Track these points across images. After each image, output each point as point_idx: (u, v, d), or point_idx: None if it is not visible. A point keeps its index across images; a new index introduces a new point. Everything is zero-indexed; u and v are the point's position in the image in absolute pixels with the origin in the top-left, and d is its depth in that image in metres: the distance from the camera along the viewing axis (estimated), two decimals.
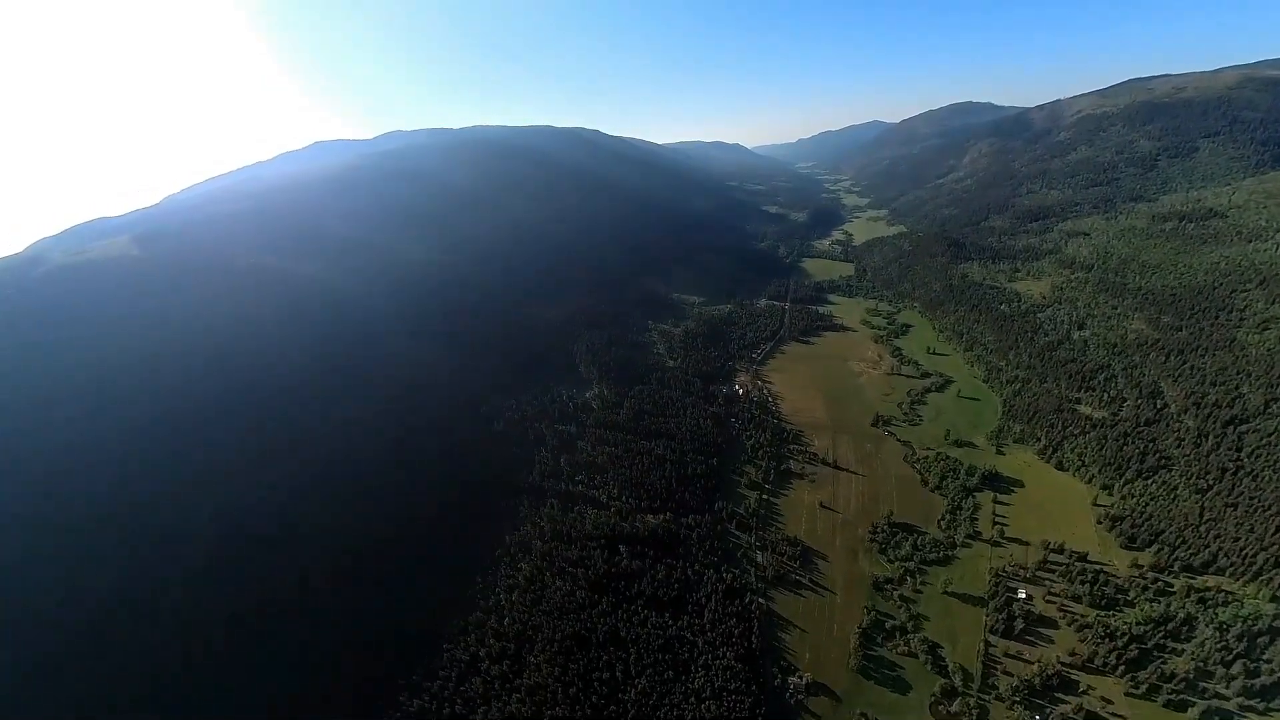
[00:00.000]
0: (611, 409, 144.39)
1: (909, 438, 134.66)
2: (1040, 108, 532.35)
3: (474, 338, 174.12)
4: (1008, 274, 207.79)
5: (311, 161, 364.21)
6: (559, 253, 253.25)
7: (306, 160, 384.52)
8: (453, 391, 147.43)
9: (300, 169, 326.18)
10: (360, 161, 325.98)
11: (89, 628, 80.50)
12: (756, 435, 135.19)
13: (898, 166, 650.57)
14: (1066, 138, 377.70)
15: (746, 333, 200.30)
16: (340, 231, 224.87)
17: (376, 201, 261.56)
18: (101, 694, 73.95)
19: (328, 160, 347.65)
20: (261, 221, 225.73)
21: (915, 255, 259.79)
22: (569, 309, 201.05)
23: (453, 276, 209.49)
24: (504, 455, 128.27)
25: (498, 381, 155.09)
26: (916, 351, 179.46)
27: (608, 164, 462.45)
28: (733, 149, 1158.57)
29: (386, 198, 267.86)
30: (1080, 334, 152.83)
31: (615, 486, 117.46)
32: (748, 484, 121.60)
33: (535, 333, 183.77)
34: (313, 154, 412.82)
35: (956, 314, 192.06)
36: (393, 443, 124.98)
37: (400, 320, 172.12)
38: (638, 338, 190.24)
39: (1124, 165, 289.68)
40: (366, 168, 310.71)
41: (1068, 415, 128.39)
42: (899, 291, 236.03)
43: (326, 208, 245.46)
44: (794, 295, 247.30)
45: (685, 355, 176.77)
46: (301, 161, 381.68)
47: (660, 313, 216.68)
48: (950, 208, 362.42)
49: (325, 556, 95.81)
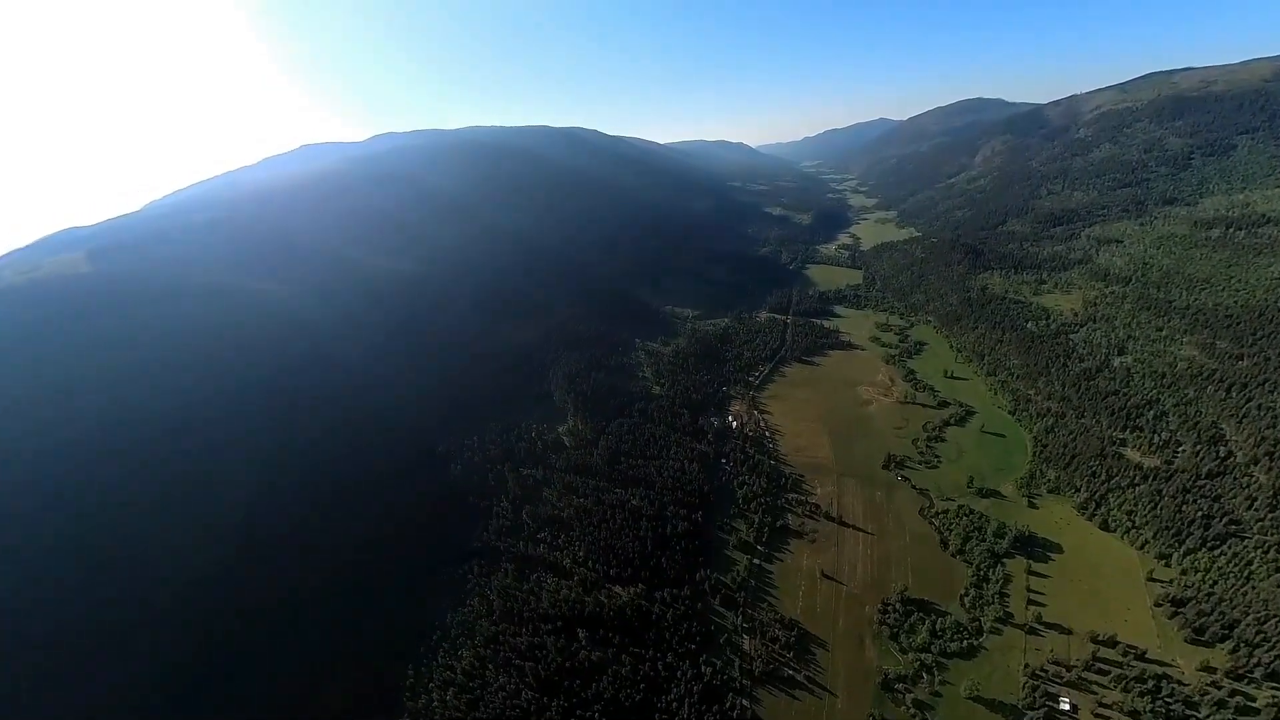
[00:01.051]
0: (585, 448, 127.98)
1: (925, 484, 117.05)
2: (1055, 103, 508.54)
3: (439, 361, 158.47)
4: (1032, 286, 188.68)
5: (295, 166, 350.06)
6: (544, 262, 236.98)
7: (291, 164, 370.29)
8: (408, 427, 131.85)
9: (280, 174, 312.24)
10: (344, 166, 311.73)
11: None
12: (750, 481, 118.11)
13: (906, 165, 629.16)
14: (1087, 135, 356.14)
15: (744, 351, 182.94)
16: (308, 243, 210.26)
17: (352, 210, 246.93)
18: None
19: (311, 165, 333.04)
20: (227, 234, 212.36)
21: (929, 263, 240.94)
22: (548, 326, 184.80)
23: (424, 291, 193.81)
24: (458, 507, 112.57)
25: (461, 413, 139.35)
26: (932, 375, 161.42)
27: (603, 165, 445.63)
28: (736, 148, 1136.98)
29: (363, 205, 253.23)
30: (1121, 360, 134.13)
31: (581, 548, 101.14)
32: (737, 544, 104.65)
33: (509, 354, 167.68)
34: (299, 157, 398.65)
35: (976, 331, 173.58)
36: (327, 492, 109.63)
37: (358, 342, 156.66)
38: (623, 359, 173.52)
39: (1153, 164, 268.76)
40: (348, 173, 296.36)
41: (1112, 461, 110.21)
42: (911, 303, 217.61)
43: (297, 217, 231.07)
44: (797, 307, 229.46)
45: (674, 380, 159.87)
46: (286, 165, 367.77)
47: (650, 329, 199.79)
48: (964, 209, 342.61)
49: (208, 644, 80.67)
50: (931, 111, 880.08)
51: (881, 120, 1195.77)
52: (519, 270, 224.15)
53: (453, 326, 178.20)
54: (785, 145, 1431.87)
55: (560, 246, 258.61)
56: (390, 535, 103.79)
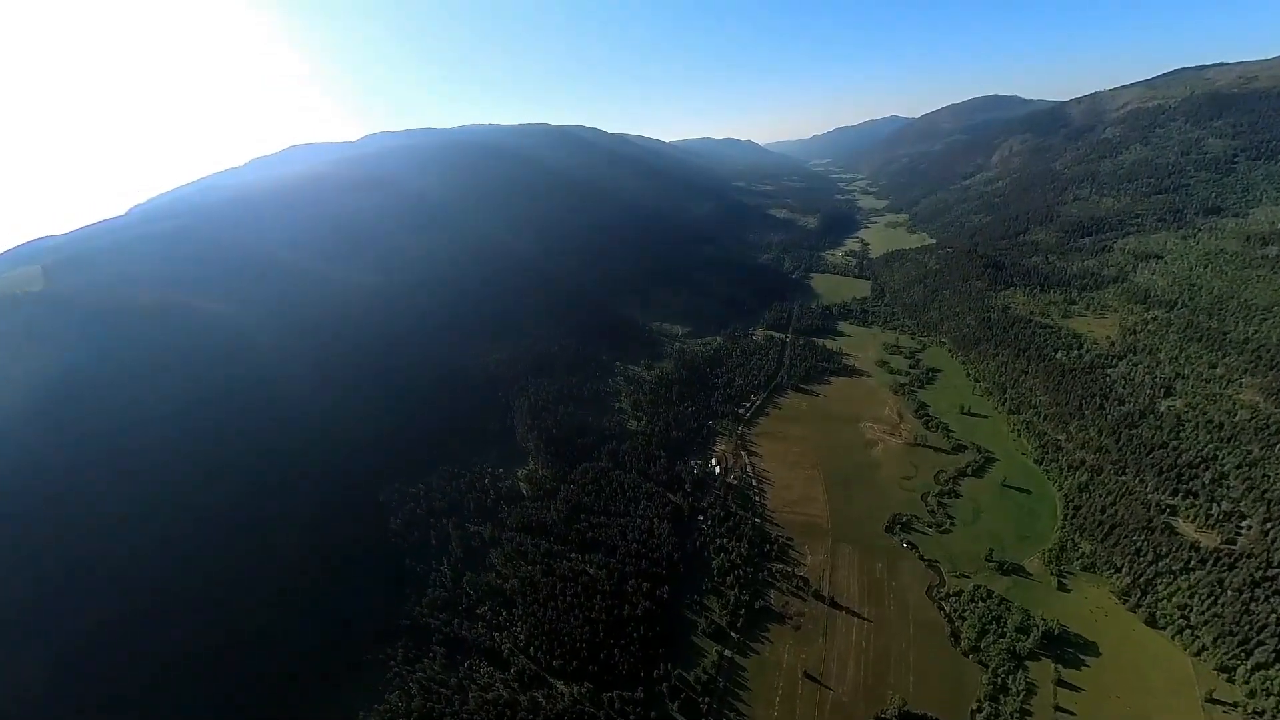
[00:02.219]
0: (543, 500, 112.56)
1: (936, 553, 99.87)
2: (1078, 100, 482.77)
3: (394, 390, 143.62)
4: (1061, 307, 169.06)
5: (279, 169, 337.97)
6: (523, 275, 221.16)
7: (276, 166, 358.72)
8: (348, 470, 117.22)
9: (257, 180, 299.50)
10: (326, 170, 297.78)
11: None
12: (729, 547, 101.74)
13: (918, 165, 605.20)
14: (1115, 134, 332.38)
15: (735, 377, 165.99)
16: (269, 256, 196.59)
17: (323, 218, 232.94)
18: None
19: (293, 169, 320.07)
20: (187, 246, 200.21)
21: (943, 276, 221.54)
22: (520, 348, 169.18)
23: (388, 307, 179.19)
24: (393, 570, 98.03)
25: (410, 453, 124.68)
26: (946, 410, 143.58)
27: (599, 167, 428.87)
28: (744, 146, 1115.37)
29: (336, 213, 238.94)
30: (1169, 404, 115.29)
31: (524, 630, 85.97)
32: (708, 630, 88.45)
33: (473, 381, 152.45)
34: (285, 159, 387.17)
35: (997, 359, 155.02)
36: (245, 546, 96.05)
37: (304, 369, 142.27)
38: (599, 386, 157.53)
39: (1191, 168, 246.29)
40: (327, 177, 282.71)
41: (1160, 535, 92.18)
42: (924, 322, 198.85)
43: (263, 227, 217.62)
44: (798, 324, 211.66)
45: (653, 413, 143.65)
46: (271, 168, 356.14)
47: (633, 349, 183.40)
48: (981, 214, 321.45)
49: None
50: (945, 109, 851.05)
51: (893, 118, 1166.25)
52: (496, 284, 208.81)
53: (414, 349, 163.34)
54: (794, 143, 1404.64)
55: (544, 257, 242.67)
56: (310, 603, 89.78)
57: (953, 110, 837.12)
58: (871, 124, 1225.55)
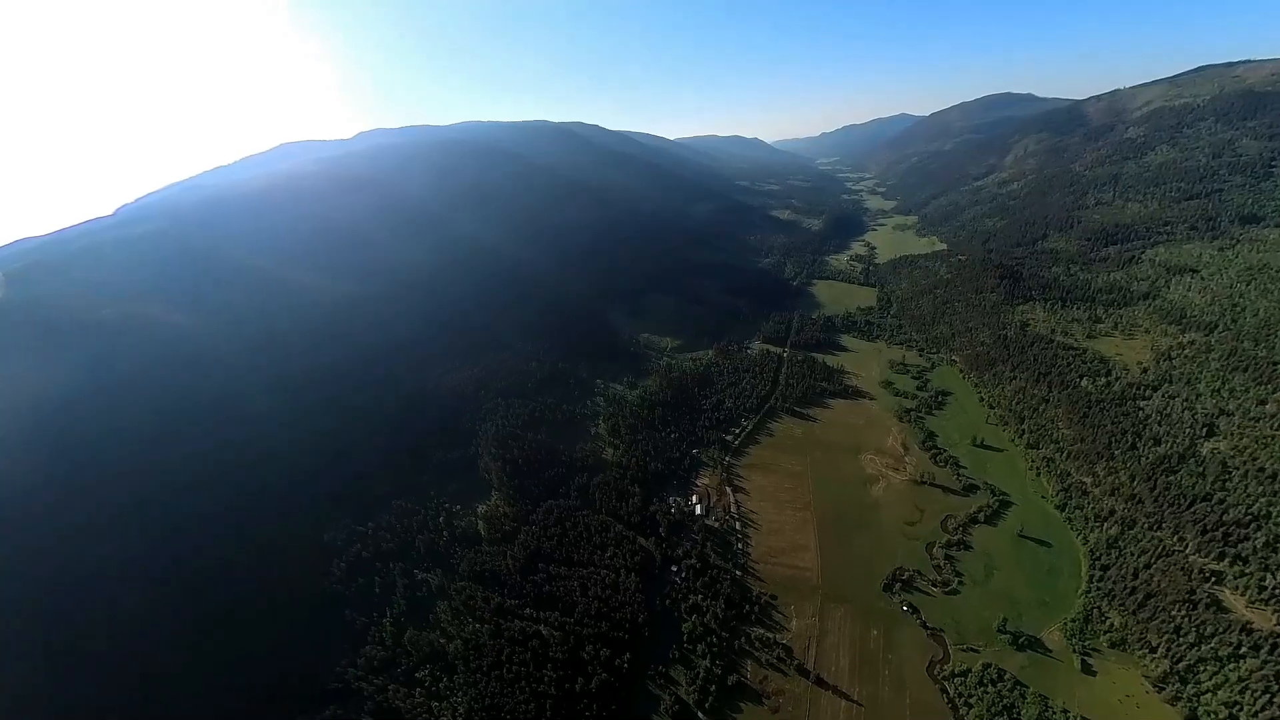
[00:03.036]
0: (502, 543, 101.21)
1: (940, 619, 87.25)
2: (1096, 99, 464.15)
3: (355, 412, 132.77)
4: (1085, 325, 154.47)
5: (265, 167, 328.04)
6: (511, 281, 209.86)
7: (263, 165, 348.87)
8: (295, 503, 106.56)
9: (240, 180, 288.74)
10: (313, 169, 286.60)
11: None
12: (704, 605, 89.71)
13: (928, 164, 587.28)
14: (1139, 135, 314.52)
15: (725, 398, 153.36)
16: (241, 261, 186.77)
17: (304, 220, 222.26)
18: None
19: (280, 168, 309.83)
20: (161, 251, 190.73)
21: (955, 286, 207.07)
22: (496, 363, 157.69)
23: (359, 319, 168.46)
24: (331, 622, 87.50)
25: (364, 484, 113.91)
26: (957, 441, 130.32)
27: (597, 166, 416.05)
28: (751, 144, 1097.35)
29: (318, 215, 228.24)
30: (1212, 446, 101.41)
31: (463, 702, 75.03)
32: (671, 709, 76.56)
33: (440, 402, 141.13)
34: (274, 158, 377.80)
35: (1014, 383, 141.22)
36: (177, 588, 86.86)
37: (261, 389, 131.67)
38: (575, 408, 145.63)
39: (1225, 171, 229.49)
40: (312, 177, 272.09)
41: (1204, 610, 78.97)
42: (933, 337, 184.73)
43: (241, 231, 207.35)
44: (796, 337, 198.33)
45: (632, 439, 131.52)
46: (257, 166, 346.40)
47: (617, 365, 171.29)
48: (995, 217, 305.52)
49: None
50: (956, 107, 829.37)
51: (903, 116, 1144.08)
52: (480, 292, 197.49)
53: (384, 364, 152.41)
54: (802, 141, 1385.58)
55: (532, 262, 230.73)
56: (232, 658, 79.75)
57: (964, 108, 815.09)
58: (880, 122, 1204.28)
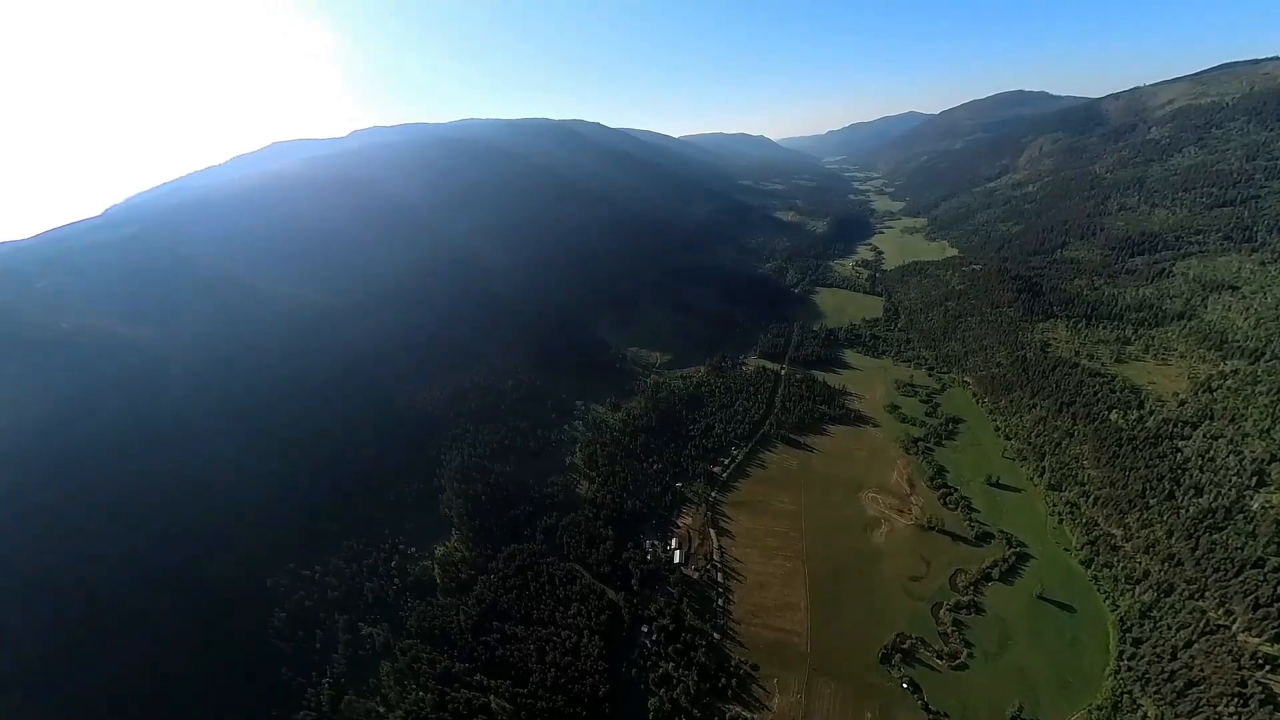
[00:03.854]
0: (457, 594, 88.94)
1: (945, 700, 74.05)
2: (1114, 97, 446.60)
3: (313, 437, 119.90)
4: (1113, 347, 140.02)
5: (252, 168, 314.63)
6: (493, 289, 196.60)
7: (253, 165, 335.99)
8: (238, 543, 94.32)
9: (226, 181, 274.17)
10: (301, 170, 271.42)
11: None
12: (675, 675, 76.75)
13: (938, 164, 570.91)
14: (1164, 135, 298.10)
15: (715, 423, 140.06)
16: (210, 269, 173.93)
17: (282, 223, 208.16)
18: None
19: (269, 167, 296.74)
20: (129, 259, 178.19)
21: (969, 298, 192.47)
22: (472, 380, 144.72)
23: (326, 332, 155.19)
24: (262, 684, 75.70)
25: (316, 519, 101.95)
26: (969, 478, 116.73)
27: (596, 164, 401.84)
28: (757, 142, 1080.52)
29: (298, 218, 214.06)
30: (1264, 500, 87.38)
31: None
32: None
33: (406, 427, 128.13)
34: (266, 157, 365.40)
35: (1034, 411, 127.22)
36: (111, 632, 75.23)
37: (218, 407, 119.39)
38: (551, 433, 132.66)
39: (1261, 176, 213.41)
40: (299, 178, 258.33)
41: (1258, 709, 65.30)
42: (944, 355, 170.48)
43: (215, 237, 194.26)
44: (796, 352, 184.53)
45: (610, 471, 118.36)
46: (247, 167, 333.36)
47: (601, 383, 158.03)
48: (1009, 221, 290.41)
49: None
50: (967, 105, 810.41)
51: (911, 114, 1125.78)
52: (458, 301, 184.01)
53: (349, 382, 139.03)
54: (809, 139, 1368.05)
55: (520, 268, 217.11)
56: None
57: (975, 106, 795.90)
58: (888, 120, 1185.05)
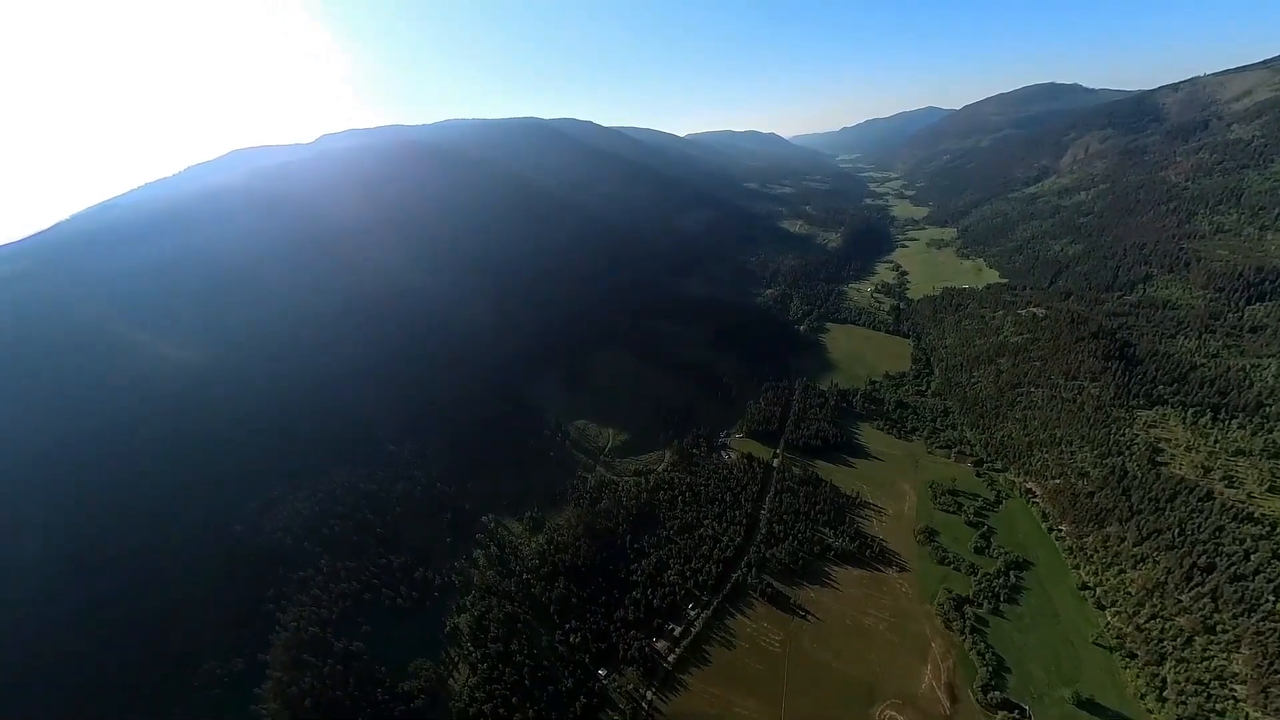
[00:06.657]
0: None
1: None
2: (1172, 88, 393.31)
3: (119, 595, 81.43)
4: (1261, 465, 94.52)
5: (198, 182, 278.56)
6: (403, 345, 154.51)
7: (202, 178, 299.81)
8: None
9: (169, 196, 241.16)
10: (249, 183, 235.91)
11: None
12: None
13: (963, 164, 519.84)
14: (1251, 135, 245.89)
15: (670, 560, 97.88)
16: (95, 314, 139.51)
17: (185, 258, 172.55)
18: None
19: (220, 179, 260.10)
20: (59, 289, 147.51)
21: (1029, 356, 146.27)
22: (341, 489, 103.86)
23: (185, 409, 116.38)
24: None
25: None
26: (1045, 687, 73.20)
27: (578, 170, 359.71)
28: (767, 139, 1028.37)
29: (189, 252, 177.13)
30: None
31: None
32: None
33: (243, 568, 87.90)
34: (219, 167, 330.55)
35: (1144, 566, 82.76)
36: None
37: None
38: (437, 574, 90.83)
39: None
40: (243, 191, 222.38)
41: None
42: (998, 441, 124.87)
43: (105, 273, 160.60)
44: (795, 430, 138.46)
45: (504, 652, 77.12)
46: (195, 180, 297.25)
47: (523, 483, 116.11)
48: (1062, 239, 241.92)
49: None
50: (992, 99, 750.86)
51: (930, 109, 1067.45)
52: (358, 361, 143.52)
53: (185, 493, 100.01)
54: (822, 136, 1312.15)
55: (446, 309, 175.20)
56: None
57: (1001, 100, 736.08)
58: (906, 116, 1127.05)
